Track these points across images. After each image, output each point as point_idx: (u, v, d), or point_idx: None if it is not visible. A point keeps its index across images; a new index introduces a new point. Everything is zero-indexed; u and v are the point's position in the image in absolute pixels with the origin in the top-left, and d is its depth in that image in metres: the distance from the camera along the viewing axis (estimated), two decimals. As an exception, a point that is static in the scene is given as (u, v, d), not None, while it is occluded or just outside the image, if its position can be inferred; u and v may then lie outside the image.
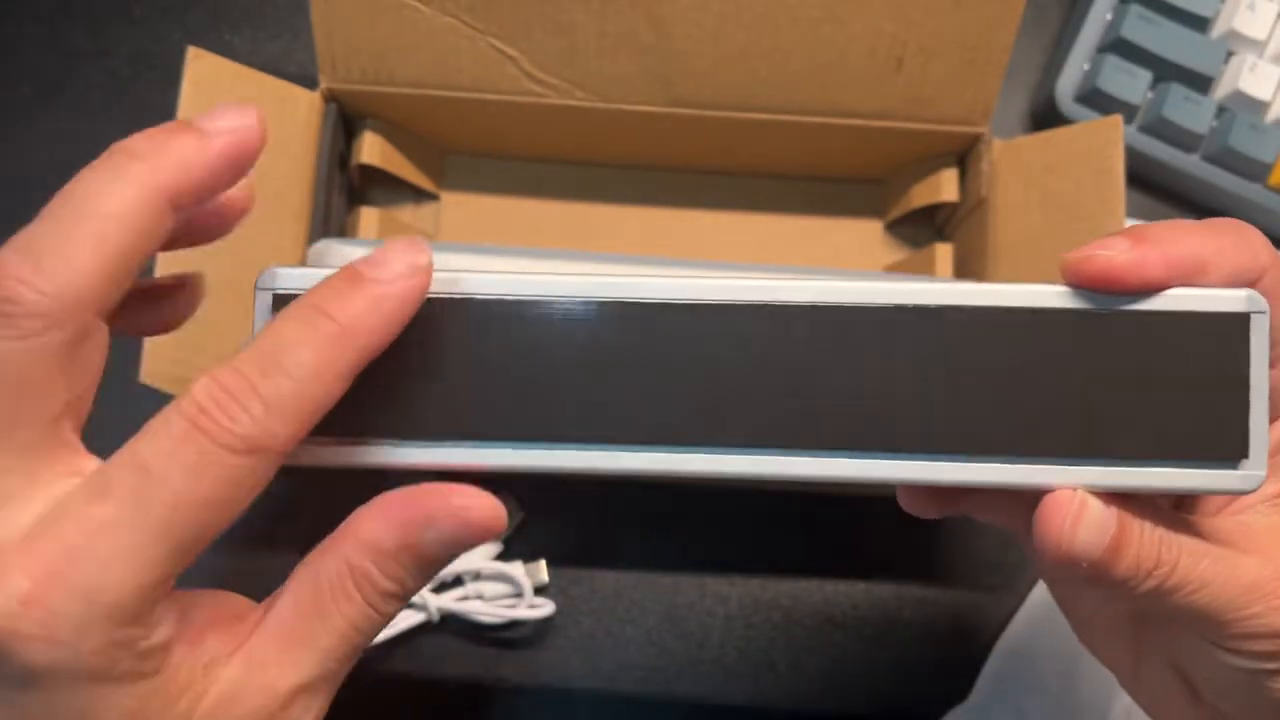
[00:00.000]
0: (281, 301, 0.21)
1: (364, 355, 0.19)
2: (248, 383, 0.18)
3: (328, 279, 0.20)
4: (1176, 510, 0.23)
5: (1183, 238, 0.21)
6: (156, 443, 0.18)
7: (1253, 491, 0.21)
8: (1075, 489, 0.21)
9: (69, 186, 0.20)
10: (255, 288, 0.22)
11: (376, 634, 0.21)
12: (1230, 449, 0.21)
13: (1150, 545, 0.21)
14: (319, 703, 0.21)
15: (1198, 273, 0.21)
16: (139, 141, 0.20)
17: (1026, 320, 0.21)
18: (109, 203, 0.20)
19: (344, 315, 0.19)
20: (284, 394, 0.18)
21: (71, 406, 0.19)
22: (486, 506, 0.20)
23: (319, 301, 0.19)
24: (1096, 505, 0.21)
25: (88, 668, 0.18)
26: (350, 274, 0.20)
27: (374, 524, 0.20)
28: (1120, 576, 0.21)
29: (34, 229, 0.20)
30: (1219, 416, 0.21)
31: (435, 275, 0.20)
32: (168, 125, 0.21)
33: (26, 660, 0.18)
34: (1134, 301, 0.21)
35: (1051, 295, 0.21)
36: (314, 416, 0.19)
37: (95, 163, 0.21)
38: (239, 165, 0.20)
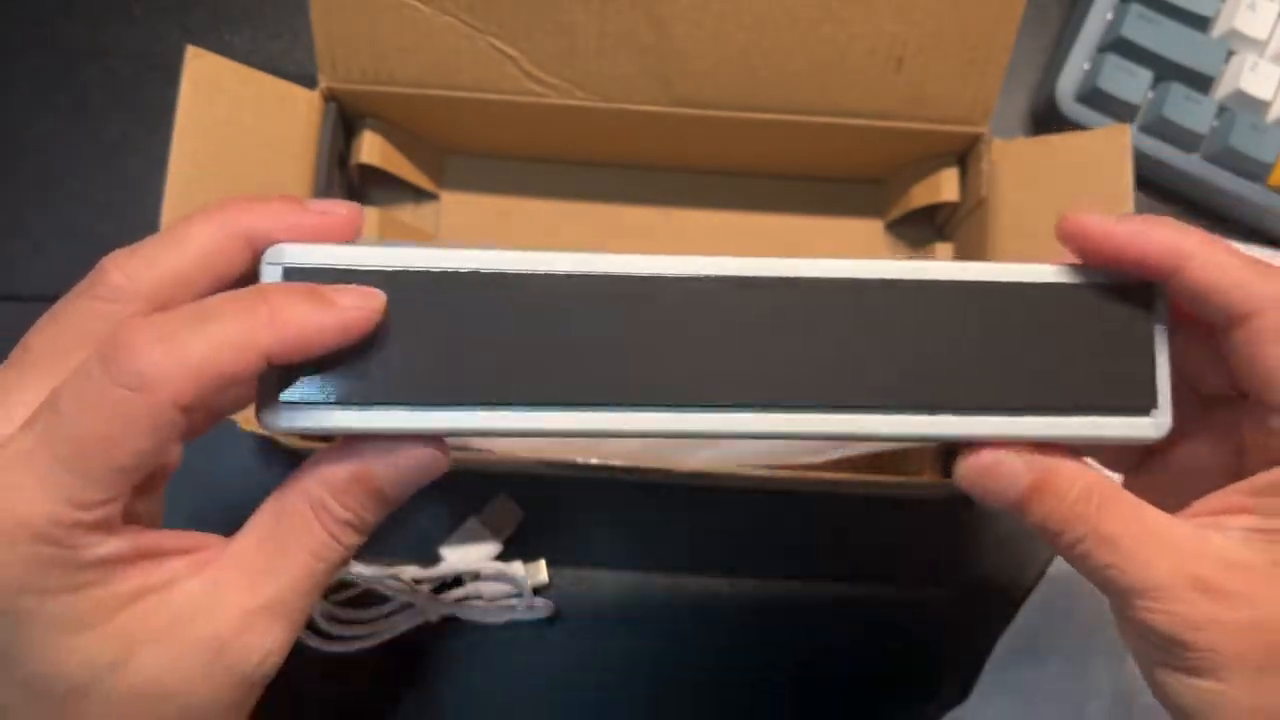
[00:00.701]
0: (291, 275, 0.23)
1: (280, 352, 0.21)
2: (162, 331, 0.20)
3: (288, 286, 0.22)
4: (1141, 499, 0.24)
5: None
6: (72, 382, 0.20)
7: (1161, 439, 0.24)
8: (995, 449, 0.24)
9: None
10: (262, 262, 0.23)
11: (335, 568, 0.23)
12: (1143, 400, 0.24)
13: (1062, 510, 0.23)
14: (279, 629, 0.22)
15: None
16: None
17: (966, 292, 0.24)
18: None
19: (280, 311, 0.21)
20: (190, 351, 0.20)
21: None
22: (426, 449, 0.23)
23: (268, 292, 0.21)
24: (1014, 462, 0.24)
25: (10, 578, 0.20)
26: (309, 287, 0.22)
27: (329, 460, 0.23)
28: (1032, 524, 0.24)
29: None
30: (1133, 374, 0.24)
31: (407, 250, 0.23)
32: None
33: None
34: (1060, 276, 0.24)
35: (986, 270, 0.24)
36: (212, 381, 0.20)
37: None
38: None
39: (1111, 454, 0.28)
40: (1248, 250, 0.23)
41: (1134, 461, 0.28)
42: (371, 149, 0.42)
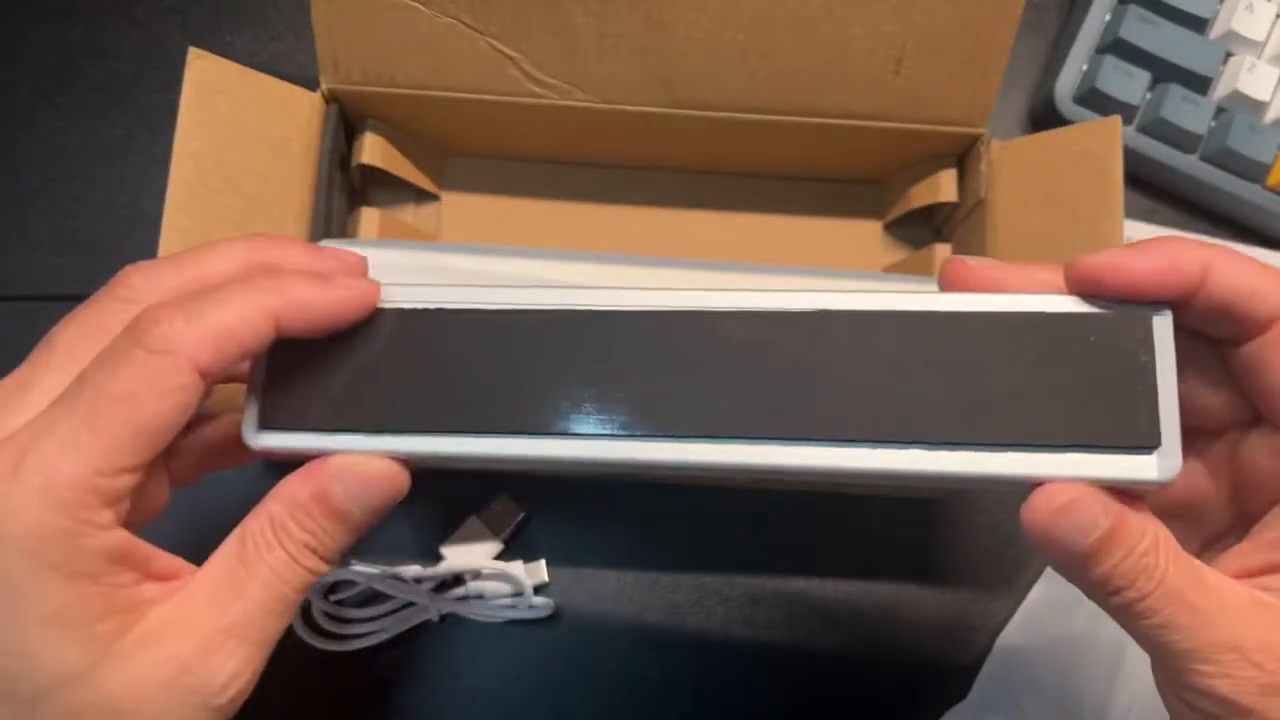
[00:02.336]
0: None
1: (288, 320, 0.22)
2: (183, 305, 0.21)
3: (296, 271, 0.23)
4: (1195, 557, 0.23)
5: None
6: (98, 356, 0.21)
7: (1170, 481, 0.22)
8: (1074, 483, 0.22)
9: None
10: None
11: (299, 591, 0.23)
12: (1144, 437, 0.22)
13: (1131, 565, 0.22)
14: (244, 652, 0.22)
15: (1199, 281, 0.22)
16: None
17: (966, 323, 0.23)
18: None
19: (289, 286, 0.22)
20: (208, 317, 0.21)
21: None
22: (382, 466, 0.24)
23: (276, 271, 0.23)
24: (1092, 502, 0.22)
25: (17, 535, 0.20)
26: (316, 274, 0.23)
27: (290, 483, 0.23)
28: (1095, 579, 0.22)
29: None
30: (1133, 408, 0.22)
31: (400, 288, 0.24)
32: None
33: None
34: (1059, 306, 0.23)
35: (984, 301, 0.23)
36: (229, 345, 0.22)
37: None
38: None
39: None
40: (1247, 251, 0.23)
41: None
42: (373, 150, 0.42)
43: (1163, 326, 0.23)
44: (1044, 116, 0.48)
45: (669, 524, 0.43)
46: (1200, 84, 0.46)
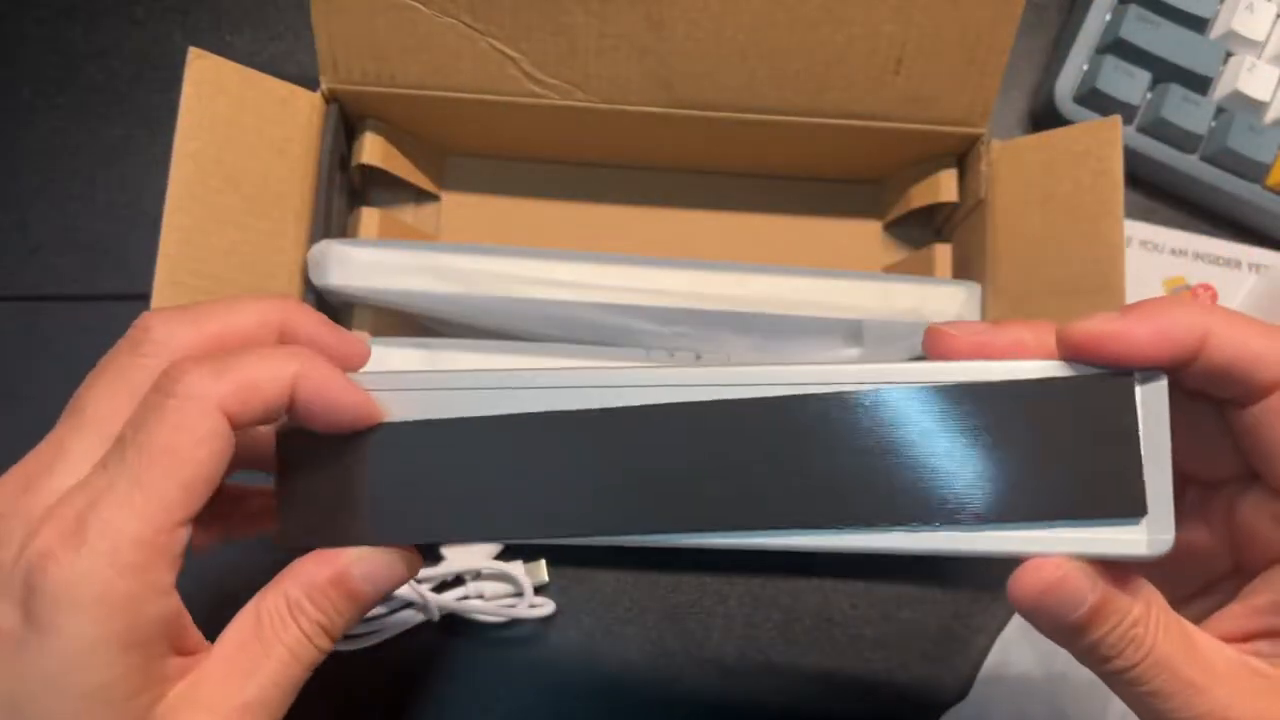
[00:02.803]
0: None
1: (304, 388, 0.23)
2: (208, 360, 0.22)
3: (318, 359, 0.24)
4: (1195, 599, 0.23)
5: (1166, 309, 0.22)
6: (133, 416, 0.22)
7: (1161, 556, 0.22)
8: (1061, 558, 0.22)
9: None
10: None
11: (310, 669, 0.24)
12: (1134, 510, 0.21)
13: (1119, 636, 0.22)
14: None
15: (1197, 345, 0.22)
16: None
17: (951, 397, 0.22)
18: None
19: (311, 359, 0.23)
20: (231, 370, 0.22)
21: None
22: (400, 551, 0.24)
23: (300, 347, 0.24)
24: (1079, 577, 0.22)
25: (93, 605, 0.20)
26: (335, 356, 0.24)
27: (309, 564, 0.24)
28: (1082, 649, 0.22)
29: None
30: (1124, 480, 0.22)
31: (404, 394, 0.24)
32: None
33: (51, 588, 0.20)
34: (1048, 371, 0.22)
35: (968, 370, 0.22)
36: (252, 397, 0.22)
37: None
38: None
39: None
40: (1248, 251, 0.23)
41: None
42: (373, 150, 0.42)
43: (1157, 393, 0.22)
44: (1044, 116, 0.48)
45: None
46: (1200, 84, 0.46)
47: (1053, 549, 0.22)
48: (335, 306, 0.42)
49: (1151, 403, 0.22)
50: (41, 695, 0.20)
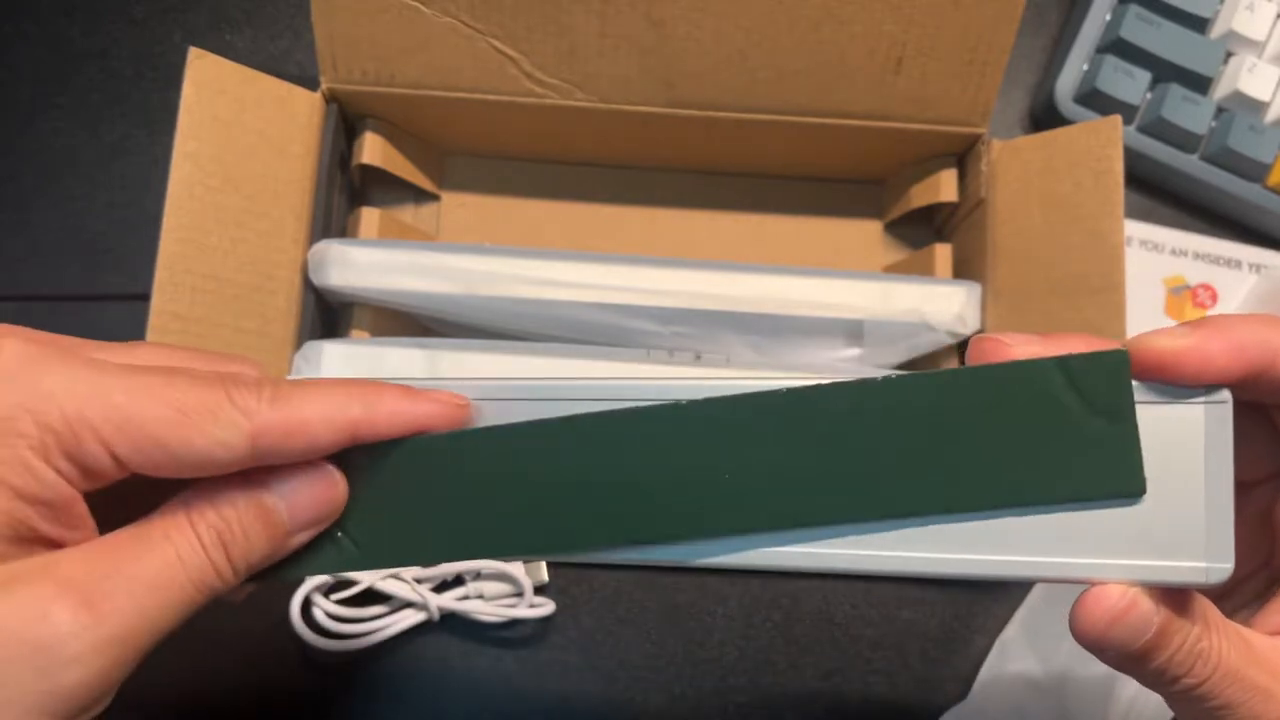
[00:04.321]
0: None
1: (367, 424, 0.22)
2: (273, 383, 0.21)
3: (394, 388, 0.22)
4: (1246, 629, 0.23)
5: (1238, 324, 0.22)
6: None
7: (1220, 585, 0.21)
8: (1123, 585, 0.21)
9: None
10: None
11: (204, 590, 0.21)
12: (1124, 484, 0.21)
13: (1187, 653, 0.22)
14: (113, 631, 0.19)
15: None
16: None
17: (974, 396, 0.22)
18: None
19: (376, 394, 0.22)
20: (280, 398, 0.21)
21: None
22: (318, 481, 0.22)
23: (360, 390, 0.22)
24: (1144, 604, 0.21)
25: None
26: (403, 387, 0.22)
27: (219, 479, 0.21)
28: (1152, 672, 0.22)
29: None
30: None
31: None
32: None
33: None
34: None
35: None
36: (296, 428, 0.21)
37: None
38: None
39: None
40: (1246, 251, 0.23)
41: None
42: (373, 150, 0.42)
43: (1221, 415, 0.21)
44: (1044, 116, 0.48)
45: (669, 524, 0.43)
46: (1200, 84, 0.46)
47: (1111, 576, 0.22)
48: (335, 307, 0.42)
49: (1215, 424, 0.21)
50: None
